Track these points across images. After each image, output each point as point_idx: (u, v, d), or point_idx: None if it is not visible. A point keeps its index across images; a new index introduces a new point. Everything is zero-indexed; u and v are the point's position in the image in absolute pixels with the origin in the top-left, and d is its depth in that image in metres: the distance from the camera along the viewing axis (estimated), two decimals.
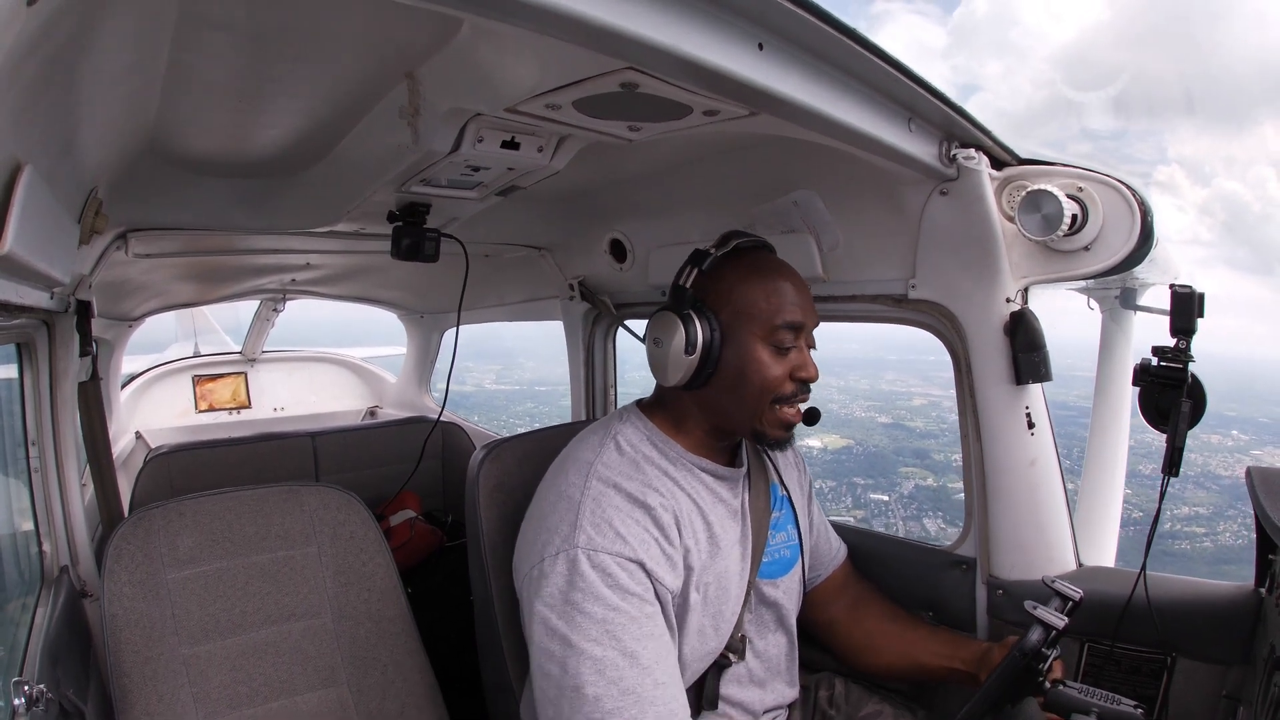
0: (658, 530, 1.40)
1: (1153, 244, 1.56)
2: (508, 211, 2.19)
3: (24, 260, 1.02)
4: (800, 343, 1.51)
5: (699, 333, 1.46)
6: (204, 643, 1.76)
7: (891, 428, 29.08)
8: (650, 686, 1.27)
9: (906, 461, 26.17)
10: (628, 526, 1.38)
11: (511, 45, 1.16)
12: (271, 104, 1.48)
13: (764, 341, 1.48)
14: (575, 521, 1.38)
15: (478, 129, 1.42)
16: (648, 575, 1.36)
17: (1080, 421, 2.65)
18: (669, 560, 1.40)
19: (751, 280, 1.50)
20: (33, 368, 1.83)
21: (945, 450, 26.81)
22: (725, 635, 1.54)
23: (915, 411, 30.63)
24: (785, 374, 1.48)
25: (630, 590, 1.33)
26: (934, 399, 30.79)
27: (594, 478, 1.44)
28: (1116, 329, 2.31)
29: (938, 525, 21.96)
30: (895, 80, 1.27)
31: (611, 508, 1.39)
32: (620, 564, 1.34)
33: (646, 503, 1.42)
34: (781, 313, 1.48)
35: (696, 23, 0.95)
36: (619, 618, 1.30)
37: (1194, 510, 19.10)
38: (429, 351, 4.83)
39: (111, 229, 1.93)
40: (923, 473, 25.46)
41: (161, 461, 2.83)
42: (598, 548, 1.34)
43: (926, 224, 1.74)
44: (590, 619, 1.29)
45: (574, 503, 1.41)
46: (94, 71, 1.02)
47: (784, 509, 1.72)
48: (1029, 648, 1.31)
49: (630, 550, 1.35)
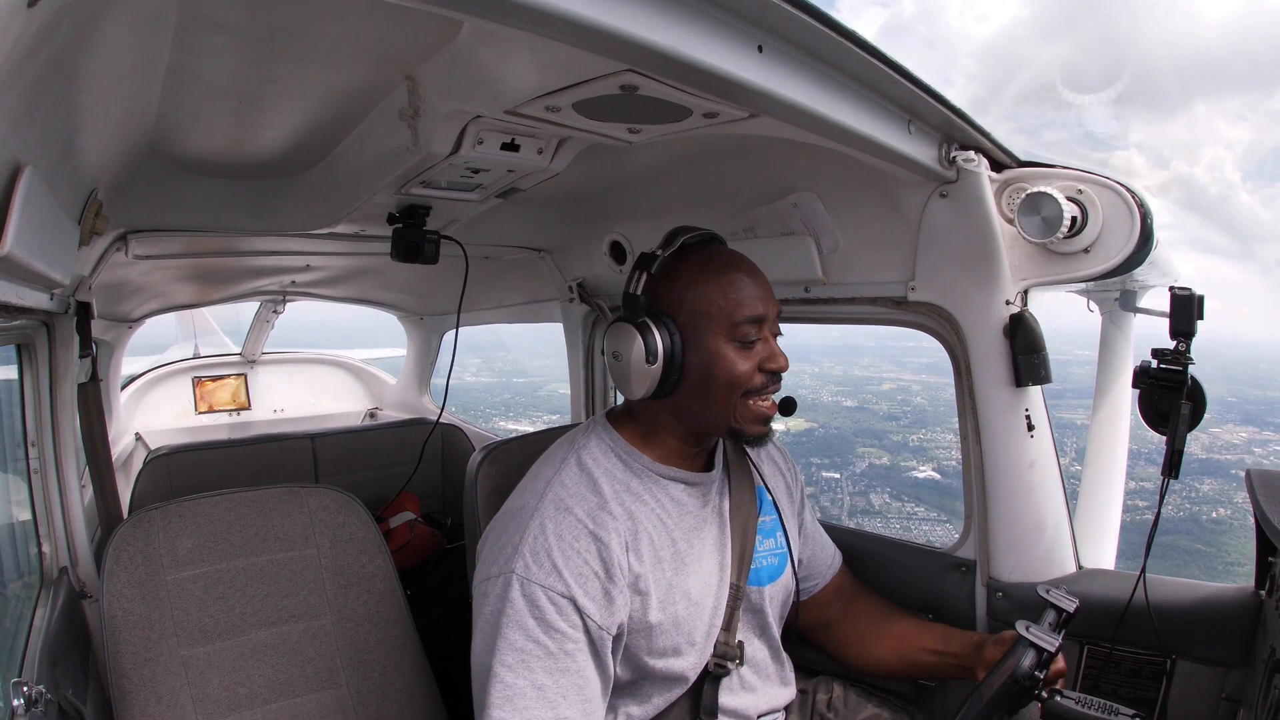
0: (601, 564, 1.40)
1: (1152, 246, 1.56)
2: (507, 213, 2.19)
3: (24, 261, 1.02)
4: (765, 333, 1.49)
5: (658, 340, 1.44)
6: (203, 644, 1.76)
7: (855, 410, 29.42)
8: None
9: (865, 442, 26.44)
10: (568, 558, 1.37)
11: (511, 47, 1.16)
12: (272, 106, 1.48)
13: (727, 339, 1.45)
14: (517, 546, 1.39)
15: (477, 131, 1.42)
16: (578, 612, 1.36)
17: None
18: (607, 597, 1.39)
19: (705, 277, 1.47)
20: (32, 369, 1.83)
21: (903, 431, 27.27)
22: (709, 646, 1.54)
23: (881, 395, 30.92)
24: (753, 368, 1.46)
25: (553, 625, 1.34)
26: (903, 383, 31.10)
27: (548, 500, 1.44)
28: (1116, 331, 2.31)
29: (883, 500, 22.25)
30: (895, 82, 1.27)
31: (556, 536, 1.39)
32: (550, 598, 1.35)
33: (596, 532, 1.41)
34: (741, 307, 1.45)
35: (696, 25, 0.95)
36: (536, 650, 1.33)
37: (1139, 484, 19.28)
38: (429, 353, 4.83)
39: (111, 230, 1.93)
40: (878, 452, 25.80)
41: (161, 463, 2.83)
42: (532, 578, 1.35)
43: (926, 226, 1.74)
44: (510, 645, 1.33)
45: (522, 525, 1.42)
46: (94, 73, 1.02)
47: (771, 515, 1.71)
48: (1021, 673, 1.30)
49: (563, 586, 1.36)
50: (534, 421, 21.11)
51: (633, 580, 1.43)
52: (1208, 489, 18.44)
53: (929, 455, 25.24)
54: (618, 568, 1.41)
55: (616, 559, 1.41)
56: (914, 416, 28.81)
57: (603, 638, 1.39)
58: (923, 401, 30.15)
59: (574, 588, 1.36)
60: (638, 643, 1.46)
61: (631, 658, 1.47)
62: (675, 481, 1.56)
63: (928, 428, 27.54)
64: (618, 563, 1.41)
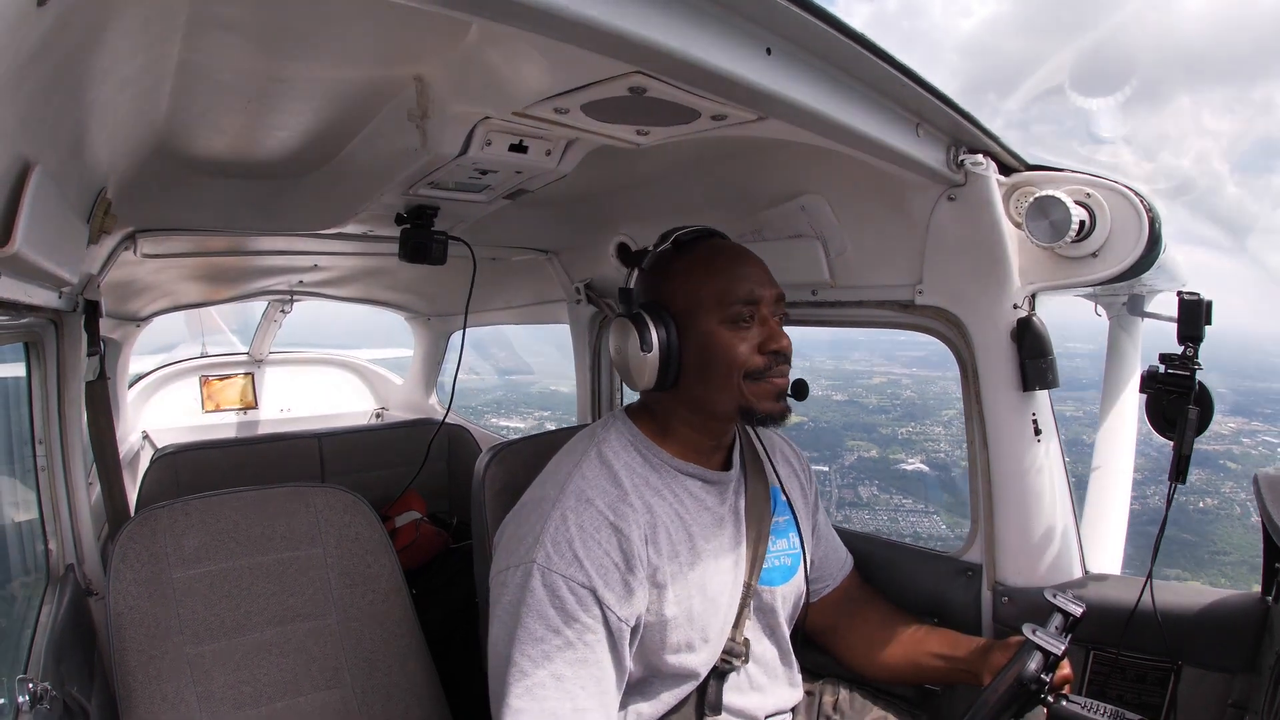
0: (621, 556, 1.40)
1: (1160, 250, 1.56)
2: (515, 215, 2.20)
3: (33, 260, 1.03)
4: (764, 313, 1.49)
5: (652, 330, 1.46)
6: (209, 642, 1.77)
7: (845, 404, 29.52)
8: (569, 711, 1.31)
9: (854, 435, 26.54)
10: (589, 549, 1.38)
11: (520, 49, 1.16)
12: (281, 105, 1.48)
13: (721, 322, 1.46)
14: (539, 536, 1.39)
15: (486, 132, 1.43)
16: (598, 603, 1.36)
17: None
18: (627, 588, 1.40)
19: (699, 267, 1.50)
20: (41, 367, 1.84)
21: (893, 425, 27.33)
22: (720, 643, 1.54)
23: (871, 389, 31.01)
24: (752, 349, 1.46)
25: (574, 616, 1.34)
26: (894, 377, 31.17)
27: (569, 491, 1.44)
28: (1124, 336, 2.30)
29: (871, 492, 22.26)
30: (903, 85, 1.27)
31: (577, 527, 1.39)
32: (571, 588, 1.35)
33: (617, 524, 1.42)
34: (732, 289, 1.46)
35: (705, 27, 0.95)
36: (556, 640, 1.33)
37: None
38: (436, 354, 4.84)
39: (120, 229, 1.94)
40: (867, 445, 25.80)
41: (168, 461, 2.84)
42: (553, 567, 1.35)
43: (934, 229, 1.73)
44: (530, 635, 1.33)
45: (544, 515, 1.42)
46: (104, 72, 1.03)
47: (786, 515, 1.71)
48: (1027, 677, 1.30)
49: (584, 576, 1.36)
50: (525, 419, 21.15)
51: (651, 573, 1.44)
52: (1195, 479, 18.46)
53: (918, 448, 25.25)
54: (638, 559, 1.41)
55: (636, 551, 1.41)
56: (903, 409, 28.85)
57: (621, 630, 1.39)
58: (912, 395, 30.15)
59: (595, 578, 1.36)
60: (653, 637, 1.46)
61: (645, 654, 1.47)
62: (693, 478, 1.56)
63: (916, 420, 27.59)
64: (638, 554, 1.42)
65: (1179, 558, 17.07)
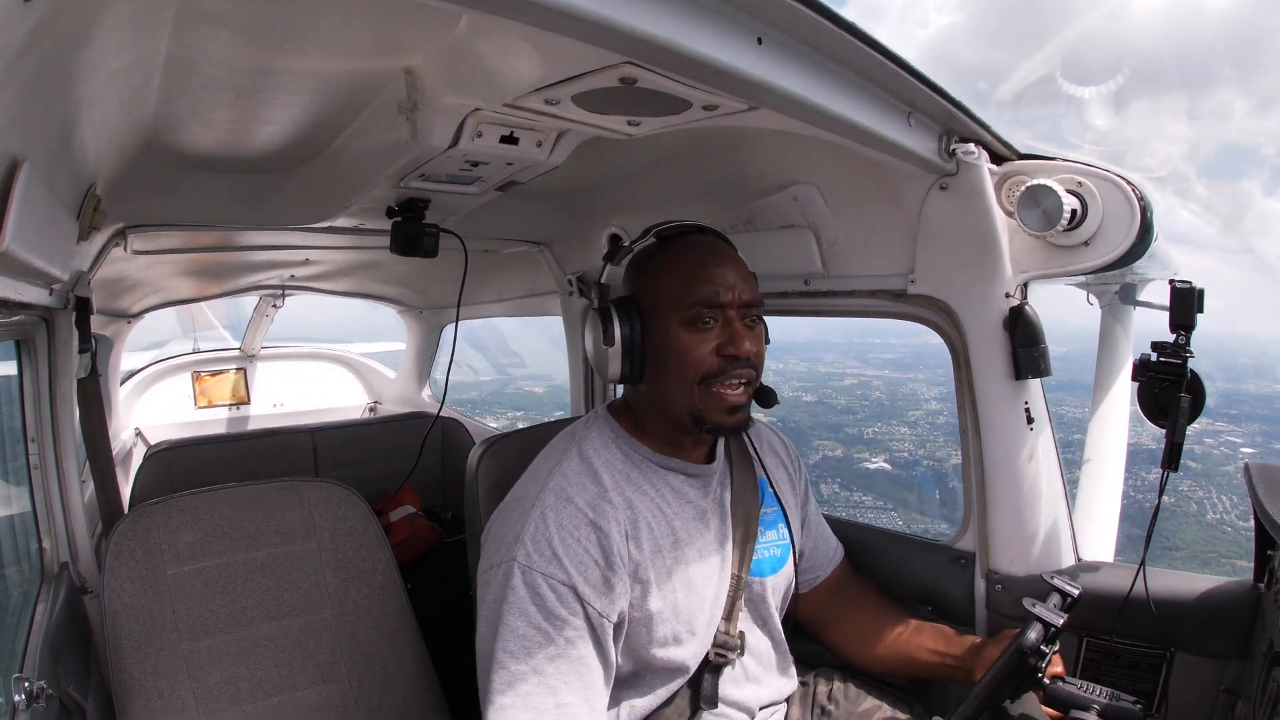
0: (601, 553, 1.41)
1: (1152, 239, 1.56)
2: (506, 207, 2.19)
3: (22, 257, 1.02)
4: (729, 316, 1.48)
5: (615, 324, 1.48)
6: (204, 638, 1.77)
7: (814, 405, 29.82)
8: (552, 706, 1.33)
9: (821, 435, 26.82)
10: (568, 547, 1.39)
11: (510, 40, 1.16)
12: (270, 99, 1.47)
13: (681, 323, 1.46)
14: (519, 535, 1.40)
15: (476, 124, 1.42)
16: (578, 599, 1.37)
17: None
18: (607, 585, 1.41)
19: (672, 265, 1.51)
20: (32, 364, 1.83)
21: (859, 425, 27.77)
22: (709, 635, 1.55)
23: (842, 390, 31.35)
24: (709, 351, 1.46)
25: (554, 612, 1.35)
26: (865, 379, 31.49)
27: (549, 490, 1.45)
28: (1116, 324, 2.30)
29: (832, 489, 22.65)
30: (895, 75, 1.27)
31: (556, 525, 1.40)
32: (551, 585, 1.36)
33: (596, 521, 1.43)
34: (695, 289, 1.46)
35: (696, 17, 0.95)
36: (538, 636, 1.34)
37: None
38: (429, 347, 4.83)
39: (110, 225, 1.93)
40: (832, 444, 26.28)
41: (161, 457, 2.83)
42: (533, 565, 1.37)
43: (926, 219, 1.73)
44: (512, 632, 1.34)
45: (524, 514, 1.43)
46: (92, 68, 1.02)
47: (774, 507, 1.71)
48: (1027, 646, 1.31)
49: (564, 574, 1.37)
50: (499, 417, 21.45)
51: (633, 569, 1.45)
52: (1154, 478, 18.97)
53: (882, 447, 25.61)
54: (618, 556, 1.42)
55: (616, 547, 1.42)
56: (871, 410, 29.15)
57: (603, 625, 1.40)
58: (881, 396, 30.45)
59: (574, 576, 1.37)
60: (639, 632, 1.47)
61: (633, 648, 1.48)
62: (675, 472, 1.57)
63: (883, 421, 27.89)
64: (618, 551, 1.42)
65: (1126, 549, 17.26)
